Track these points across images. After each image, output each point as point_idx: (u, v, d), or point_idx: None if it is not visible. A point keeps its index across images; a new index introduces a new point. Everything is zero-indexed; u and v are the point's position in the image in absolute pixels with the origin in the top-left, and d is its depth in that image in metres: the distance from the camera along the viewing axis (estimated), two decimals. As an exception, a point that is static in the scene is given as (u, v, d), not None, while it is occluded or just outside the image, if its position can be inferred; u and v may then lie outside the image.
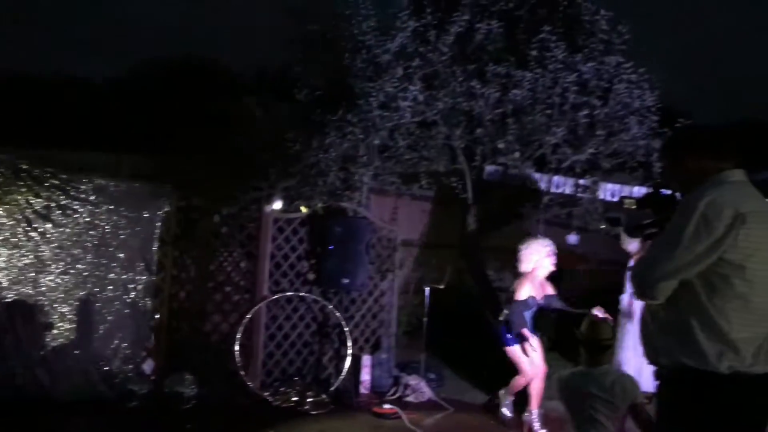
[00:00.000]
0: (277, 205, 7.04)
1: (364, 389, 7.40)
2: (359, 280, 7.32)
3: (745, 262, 2.45)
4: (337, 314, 7.38)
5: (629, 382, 3.70)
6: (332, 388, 7.13)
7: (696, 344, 2.48)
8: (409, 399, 7.19)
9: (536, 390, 6.13)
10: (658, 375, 2.69)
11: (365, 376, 7.45)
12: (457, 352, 8.13)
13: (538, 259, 6.14)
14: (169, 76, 15.97)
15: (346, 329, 7.34)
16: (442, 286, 7.55)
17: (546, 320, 7.56)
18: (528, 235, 7.27)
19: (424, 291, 7.53)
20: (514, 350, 6.16)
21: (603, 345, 3.81)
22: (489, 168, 7.63)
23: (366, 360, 7.50)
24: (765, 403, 2.56)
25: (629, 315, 6.15)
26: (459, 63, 7.60)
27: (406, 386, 7.33)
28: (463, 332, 8.28)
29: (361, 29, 7.10)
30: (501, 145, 7.42)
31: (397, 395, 7.25)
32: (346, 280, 7.25)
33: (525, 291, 6.08)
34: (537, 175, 7.41)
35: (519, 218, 8.34)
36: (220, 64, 17.08)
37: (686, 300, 2.52)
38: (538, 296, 6.14)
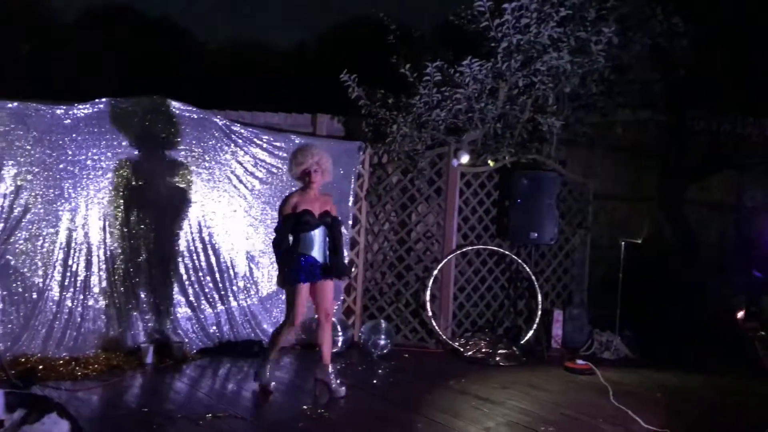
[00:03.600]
0: (464, 159, 7.02)
1: (555, 344, 7.32)
2: (548, 234, 7.17)
3: None
4: (527, 268, 7.31)
5: None
6: (523, 341, 7.12)
7: None
8: (604, 356, 7.00)
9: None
10: None
11: (557, 330, 7.37)
12: (653, 309, 7.73)
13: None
14: (351, 39, 16.39)
15: (535, 283, 7.25)
16: (639, 241, 7.20)
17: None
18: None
19: (619, 245, 7.22)
20: (301, 290, 5.09)
21: None
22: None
23: (557, 315, 7.40)
24: None
25: None
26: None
27: (600, 343, 7.14)
28: (661, 288, 7.85)
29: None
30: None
31: (590, 351, 7.09)
32: (534, 234, 7.13)
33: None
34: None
35: (724, 168, 7.65)
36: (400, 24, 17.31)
37: None
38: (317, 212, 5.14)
